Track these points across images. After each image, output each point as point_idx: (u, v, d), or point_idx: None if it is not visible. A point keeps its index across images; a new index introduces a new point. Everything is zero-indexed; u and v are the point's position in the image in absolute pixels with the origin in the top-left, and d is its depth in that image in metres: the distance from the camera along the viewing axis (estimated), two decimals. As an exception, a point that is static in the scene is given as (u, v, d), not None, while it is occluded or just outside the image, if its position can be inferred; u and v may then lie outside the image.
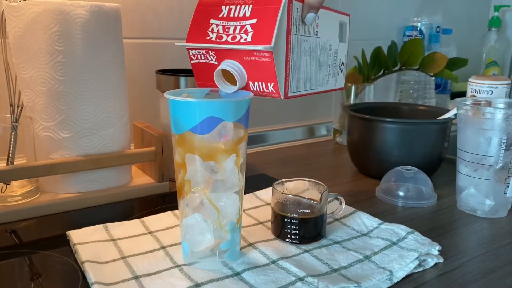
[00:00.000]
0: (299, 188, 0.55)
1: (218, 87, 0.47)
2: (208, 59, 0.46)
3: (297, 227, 0.50)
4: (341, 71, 0.60)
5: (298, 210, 0.51)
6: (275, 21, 0.42)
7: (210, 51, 0.46)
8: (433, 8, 1.28)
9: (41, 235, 0.54)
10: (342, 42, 0.59)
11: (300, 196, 0.52)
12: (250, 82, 0.45)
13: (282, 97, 0.45)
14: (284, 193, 0.53)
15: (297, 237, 0.51)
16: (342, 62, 0.60)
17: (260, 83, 0.45)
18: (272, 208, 0.53)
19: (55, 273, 0.46)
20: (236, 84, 0.46)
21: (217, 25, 0.45)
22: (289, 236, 0.51)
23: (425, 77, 1.15)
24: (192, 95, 0.46)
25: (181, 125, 0.43)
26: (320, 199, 0.51)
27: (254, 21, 0.43)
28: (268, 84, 0.44)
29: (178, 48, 0.86)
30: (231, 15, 0.45)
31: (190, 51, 0.47)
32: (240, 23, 0.44)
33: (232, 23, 0.44)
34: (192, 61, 0.48)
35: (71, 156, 0.62)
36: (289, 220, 0.51)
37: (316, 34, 0.51)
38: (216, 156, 0.43)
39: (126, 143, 0.68)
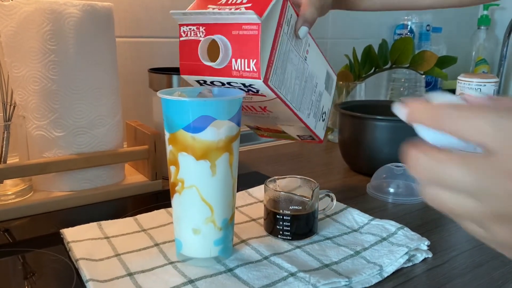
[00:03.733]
0: (291, 185, 0.56)
1: (201, 63, 0.48)
2: (197, 36, 0.48)
3: (289, 224, 0.51)
4: (323, 120, 0.61)
5: (290, 207, 0.51)
6: (269, 3, 0.46)
7: (200, 27, 0.48)
8: (423, 6, 1.29)
9: (35, 234, 0.54)
10: (327, 91, 0.60)
11: (292, 193, 0.53)
12: (233, 60, 0.46)
13: (262, 79, 0.46)
14: (276, 191, 0.53)
15: (289, 233, 0.52)
16: (325, 112, 0.61)
17: (242, 60, 0.46)
18: (264, 205, 0.54)
19: (49, 271, 0.46)
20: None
21: (213, 8, 0.48)
22: (281, 232, 0.52)
23: (415, 75, 1.16)
24: (185, 93, 0.47)
25: (174, 124, 0.43)
26: (312, 196, 0.52)
27: (249, 5, 0.46)
28: (251, 61, 0.46)
29: (170, 47, 0.86)
30: (229, 1, 0.48)
31: (181, 27, 0.49)
32: (235, 7, 0.47)
33: (228, 7, 0.47)
34: (181, 38, 0.50)
35: (64, 154, 0.62)
36: (281, 217, 0.51)
37: (305, 59, 0.53)
38: (209, 155, 0.43)
39: (119, 141, 0.68)
